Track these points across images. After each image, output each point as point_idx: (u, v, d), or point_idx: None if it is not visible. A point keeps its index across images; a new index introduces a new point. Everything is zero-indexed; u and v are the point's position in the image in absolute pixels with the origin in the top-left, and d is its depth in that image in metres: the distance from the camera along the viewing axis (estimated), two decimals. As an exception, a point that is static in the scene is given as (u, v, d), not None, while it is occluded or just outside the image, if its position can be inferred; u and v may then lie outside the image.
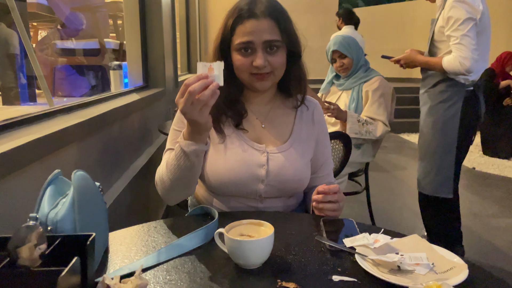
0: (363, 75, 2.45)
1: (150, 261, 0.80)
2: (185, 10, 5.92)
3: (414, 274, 0.76)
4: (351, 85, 2.47)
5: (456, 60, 1.94)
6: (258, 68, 1.08)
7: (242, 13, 1.08)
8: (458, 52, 1.94)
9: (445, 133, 2.13)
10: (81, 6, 3.43)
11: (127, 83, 2.91)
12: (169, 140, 1.16)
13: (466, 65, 1.93)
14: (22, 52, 2.38)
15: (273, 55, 1.09)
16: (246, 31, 1.07)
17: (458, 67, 1.95)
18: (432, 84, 2.16)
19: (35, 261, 0.57)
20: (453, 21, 1.94)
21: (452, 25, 1.95)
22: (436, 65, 2.07)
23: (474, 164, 4.75)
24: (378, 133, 2.32)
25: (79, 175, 0.78)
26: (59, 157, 1.24)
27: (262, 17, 1.07)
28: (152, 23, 2.90)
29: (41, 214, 0.74)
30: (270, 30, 1.07)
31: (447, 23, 1.98)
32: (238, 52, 1.09)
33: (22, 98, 2.44)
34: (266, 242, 0.78)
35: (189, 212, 1.10)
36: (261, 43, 1.07)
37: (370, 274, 0.75)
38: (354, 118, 2.29)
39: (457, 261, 0.80)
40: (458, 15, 1.92)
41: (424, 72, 2.24)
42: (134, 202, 2.02)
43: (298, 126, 1.21)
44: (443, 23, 2.02)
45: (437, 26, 2.08)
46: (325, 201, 1.02)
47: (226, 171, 1.10)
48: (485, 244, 2.70)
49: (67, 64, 3.29)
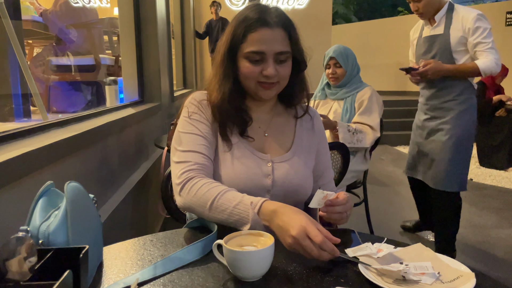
0: (356, 85, 2.48)
1: (146, 274, 0.77)
2: (180, 26, 5.97)
3: (420, 284, 0.74)
4: (344, 95, 2.47)
5: (492, 62, 2.20)
6: (268, 77, 1.07)
7: (253, 22, 1.06)
8: (493, 56, 2.20)
9: (472, 131, 2.42)
10: (76, 23, 3.44)
11: (123, 98, 2.90)
12: (180, 141, 1.09)
13: (499, 65, 2.22)
14: (17, 69, 2.37)
15: (282, 66, 1.08)
16: (258, 39, 1.05)
17: (495, 68, 2.21)
18: (459, 92, 2.36)
19: (25, 274, 0.55)
20: (482, 30, 2.20)
21: (482, 33, 2.20)
22: (468, 69, 2.26)
23: (471, 176, 4.75)
24: (368, 142, 2.33)
25: (72, 186, 0.75)
26: (53, 171, 1.21)
27: (275, 26, 1.06)
28: (148, 38, 2.90)
29: (32, 226, 0.72)
30: (281, 40, 1.06)
31: (475, 33, 2.21)
32: (247, 60, 1.08)
33: (17, 115, 2.41)
34: (266, 253, 0.76)
35: (186, 225, 1.07)
36: (273, 54, 1.06)
37: (374, 285, 0.73)
38: (344, 128, 2.29)
39: (464, 269, 0.77)
40: (486, 25, 2.21)
41: (441, 81, 2.38)
42: (130, 217, 1.98)
43: (299, 134, 1.20)
44: (463, 33, 2.25)
45: (454, 37, 2.28)
46: (334, 212, 1.00)
47: (233, 182, 1.07)
48: (486, 255, 2.67)
49: (62, 80, 3.28)
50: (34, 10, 3.27)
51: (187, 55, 6.30)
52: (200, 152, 1.07)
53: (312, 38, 7.40)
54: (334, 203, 0.98)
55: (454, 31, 2.28)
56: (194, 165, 1.04)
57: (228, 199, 0.96)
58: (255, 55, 1.06)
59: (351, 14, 18.03)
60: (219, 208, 0.95)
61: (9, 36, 1.91)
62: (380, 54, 10.46)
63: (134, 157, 2.33)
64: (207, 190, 0.98)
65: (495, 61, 2.21)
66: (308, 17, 8.43)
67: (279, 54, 1.06)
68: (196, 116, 1.12)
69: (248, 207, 0.92)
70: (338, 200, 0.99)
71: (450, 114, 2.39)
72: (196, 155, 1.07)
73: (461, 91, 2.36)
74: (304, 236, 0.80)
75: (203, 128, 1.11)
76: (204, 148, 1.08)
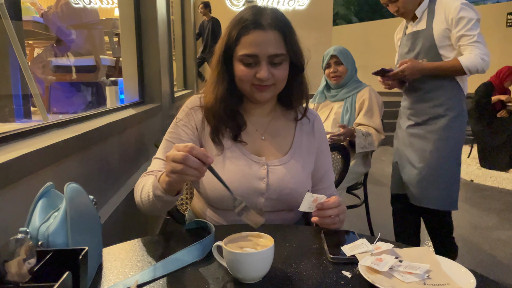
0: (355, 85, 2.49)
1: (145, 276, 0.77)
2: (181, 27, 5.97)
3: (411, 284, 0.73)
4: (344, 95, 2.48)
5: (477, 57, 1.90)
6: (261, 80, 1.06)
7: (247, 23, 1.05)
8: (477, 50, 1.91)
9: (458, 145, 2.11)
10: (77, 24, 3.44)
11: (123, 99, 2.90)
12: (159, 149, 1.16)
13: (487, 61, 1.91)
14: (18, 69, 2.36)
15: (277, 68, 1.07)
16: (251, 42, 1.05)
17: (481, 64, 1.90)
18: (449, 96, 2.07)
19: (24, 276, 0.54)
20: (466, 21, 1.91)
21: (466, 24, 1.92)
22: (450, 67, 1.97)
23: (472, 177, 4.74)
24: (376, 143, 2.34)
25: (72, 187, 0.75)
26: (53, 172, 1.21)
27: (269, 29, 1.05)
28: (148, 39, 2.90)
29: (32, 228, 0.72)
30: (275, 43, 1.05)
31: (458, 24, 1.93)
32: (241, 63, 1.07)
33: (17, 115, 2.41)
34: (266, 254, 0.76)
35: (185, 226, 1.07)
36: (266, 57, 1.05)
37: (374, 286, 0.73)
38: (359, 133, 2.29)
39: (464, 271, 0.77)
40: (471, 16, 1.92)
41: (427, 83, 2.11)
42: (130, 218, 1.98)
43: (298, 137, 1.19)
44: (448, 25, 1.97)
45: (438, 31, 2.01)
46: (325, 216, 1.00)
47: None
48: (486, 257, 2.67)
49: (62, 81, 3.28)
50: (35, 11, 3.28)
51: (188, 56, 6.30)
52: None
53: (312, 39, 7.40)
54: (325, 206, 0.98)
55: (437, 24, 2.01)
56: (154, 172, 1.09)
57: (147, 183, 1.01)
58: (248, 58, 1.06)
59: (351, 15, 18.03)
60: (143, 193, 1.01)
61: (10, 37, 1.91)
62: (381, 55, 10.45)
63: (135, 158, 2.33)
64: (139, 185, 1.06)
65: (480, 56, 1.90)
66: (309, 18, 8.42)
67: (273, 57, 1.05)
68: (181, 123, 1.16)
69: (154, 179, 0.97)
70: (329, 203, 0.98)
71: (439, 122, 2.08)
72: (162, 162, 1.12)
73: (451, 94, 2.06)
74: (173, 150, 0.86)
75: (183, 135, 1.14)
76: None
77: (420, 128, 2.14)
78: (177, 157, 0.83)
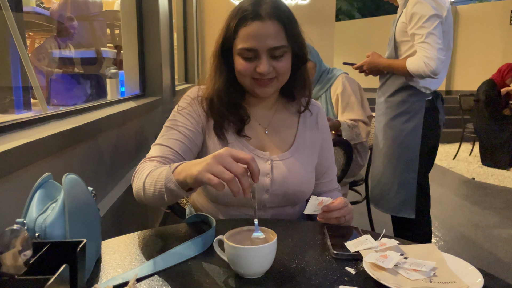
0: (327, 78, 2.40)
1: (145, 270, 0.75)
2: (182, 20, 5.94)
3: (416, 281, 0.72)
4: (318, 93, 2.42)
5: (420, 60, 1.73)
6: (262, 74, 1.02)
7: (245, 14, 1.00)
8: (423, 52, 1.73)
9: (407, 148, 1.93)
10: (79, 15, 3.41)
11: (124, 91, 2.88)
12: (160, 135, 1.10)
13: (431, 66, 1.72)
14: (18, 61, 2.34)
15: (279, 61, 1.02)
16: (250, 34, 1.00)
17: (423, 68, 1.73)
18: (392, 92, 1.96)
19: (20, 268, 0.53)
20: (418, 17, 1.74)
21: (417, 22, 1.74)
22: (399, 68, 1.86)
23: (474, 175, 4.73)
24: (363, 135, 2.30)
25: (70, 178, 0.74)
26: (52, 163, 1.19)
27: (267, 19, 0.99)
28: (150, 32, 2.88)
29: (28, 219, 0.70)
30: (275, 34, 1.00)
31: (411, 20, 1.77)
32: (240, 57, 1.03)
33: (17, 107, 2.40)
34: (268, 249, 0.74)
35: (186, 219, 1.05)
36: (266, 50, 1.00)
37: (379, 283, 0.71)
38: (345, 125, 2.26)
39: (471, 269, 0.75)
40: (423, 11, 1.73)
41: (383, 77, 2.04)
42: (129, 211, 1.96)
43: (302, 131, 1.17)
44: (406, 20, 1.82)
45: (398, 24, 1.88)
46: (331, 218, 0.98)
47: None
48: (487, 255, 2.66)
49: (63, 72, 3.26)
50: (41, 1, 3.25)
51: (189, 49, 6.26)
52: (169, 146, 1.04)
53: (315, 35, 7.36)
54: (331, 208, 0.97)
55: (403, 16, 1.86)
56: (155, 158, 1.02)
57: (156, 172, 0.91)
58: (247, 52, 1.01)
59: (354, 10, 17.92)
60: (148, 182, 0.91)
61: (10, 28, 1.88)
62: (383, 51, 10.41)
63: (135, 151, 2.31)
64: (143, 171, 0.97)
65: (424, 60, 1.72)
66: (312, 13, 8.36)
67: (273, 50, 1.01)
68: (184, 111, 1.10)
69: (168, 170, 0.86)
70: (334, 205, 0.97)
71: (381, 119, 2.01)
72: (163, 149, 1.04)
73: (395, 90, 1.94)
74: (228, 154, 0.75)
75: (186, 123, 1.08)
76: (175, 143, 1.04)
77: (382, 126, 2.06)
78: (233, 168, 0.73)
